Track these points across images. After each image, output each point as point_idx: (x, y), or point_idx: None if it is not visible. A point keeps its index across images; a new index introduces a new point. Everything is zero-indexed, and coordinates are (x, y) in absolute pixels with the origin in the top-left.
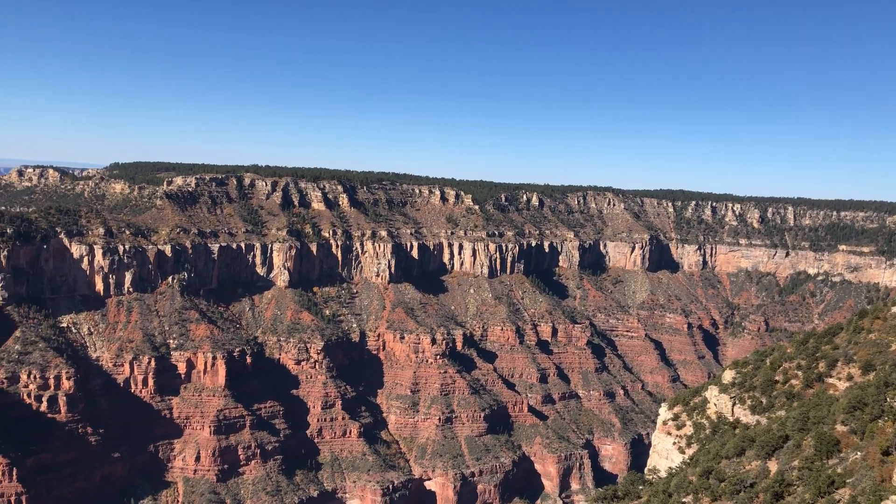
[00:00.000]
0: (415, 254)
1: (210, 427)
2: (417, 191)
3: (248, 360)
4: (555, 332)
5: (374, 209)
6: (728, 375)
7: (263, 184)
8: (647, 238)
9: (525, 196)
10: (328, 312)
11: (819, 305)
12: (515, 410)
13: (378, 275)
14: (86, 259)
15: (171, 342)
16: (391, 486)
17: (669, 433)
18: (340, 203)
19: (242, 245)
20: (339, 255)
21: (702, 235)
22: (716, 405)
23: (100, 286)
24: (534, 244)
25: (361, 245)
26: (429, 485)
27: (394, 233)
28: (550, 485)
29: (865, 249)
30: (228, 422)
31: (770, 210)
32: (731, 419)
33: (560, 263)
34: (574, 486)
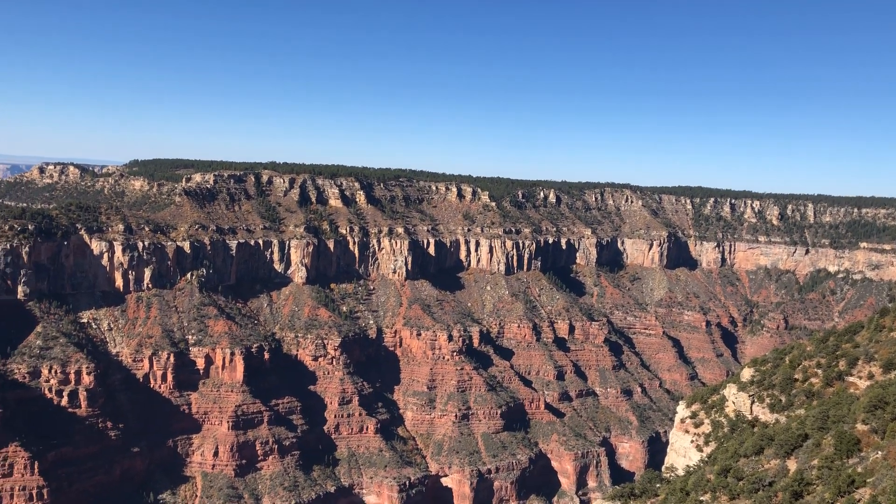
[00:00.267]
0: (431, 251)
1: (228, 422)
2: (434, 187)
3: (266, 356)
4: (572, 330)
5: (391, 206)
6: (747, 373)
7: (281, 181)
8: (665, 235)
9: (542, 193)
10: (345, 309)
11: (839, 303)
12: (532, 408)
13: (395, 271)
14: (106, 255)
15: (190, 338)
16: (408, 483)
17: (687, 431)
18: (357, 200)
19: (260, 242)
20: (356, 252)
21: (720, 233)
22: (734, 403)
23: (119, 282)
24: (551, 241)
25: (378, 242)
26: (445, 481)
27: (410, 230)
28: (567, 482)
29: (887, 247)
30: (246, 417)
31: (790, 207)
32: (750, 417)
33: (577, 260)
34: (591, 484)
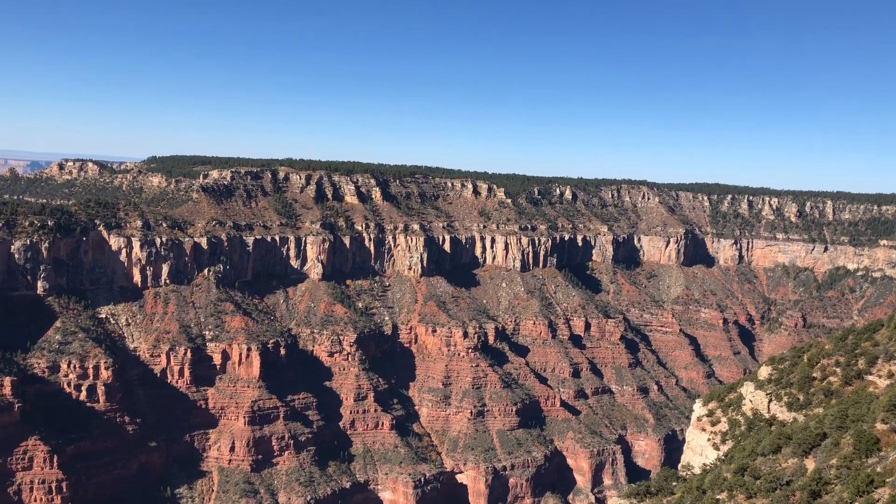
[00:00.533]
0: (447, 247)
1: (245, 418)
2: (450, 184)
3: (282, 352)
4: (588, 327)
5: (407, 203)
6: (764, 372)
7: (297, 177)
8: (682, 232)
9: (558, 189)
10: (361, 305)
11: (858, 301)
12: (547, 405)
13: (410, 268)
14: (124, 251)
15: (207, 333)
16: (423, 479)
17: (704, 429)
18: (373, 196)
19: (277, 238)
20: (372, 249)
21: (738, 230)
22: (751, 402)
23: (137, 278)
24: (567, 238)
25: (394, 238)
26: (460, 478)
27: (426, 226)
28: (583, 480)
29: None
30: (262, 413)
31: (808, 204)
32: (767, 416)
33: (593, 257)
34: (607, 482)
